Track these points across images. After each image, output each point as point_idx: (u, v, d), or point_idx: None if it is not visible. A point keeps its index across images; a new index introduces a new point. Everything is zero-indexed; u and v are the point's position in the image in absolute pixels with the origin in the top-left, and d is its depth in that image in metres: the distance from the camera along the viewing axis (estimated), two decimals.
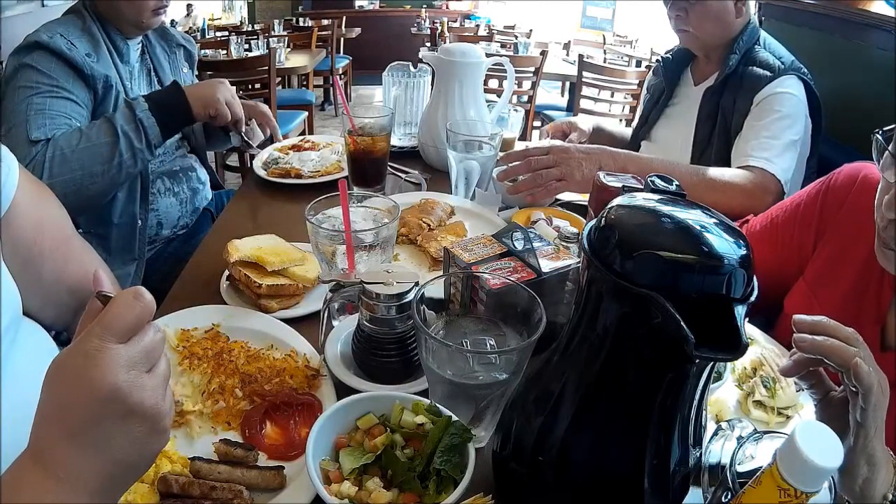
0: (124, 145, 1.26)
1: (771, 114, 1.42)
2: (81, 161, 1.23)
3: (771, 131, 1.40)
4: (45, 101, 1.26)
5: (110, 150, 1.25)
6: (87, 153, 1.24)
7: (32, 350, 0.77)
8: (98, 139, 1.25)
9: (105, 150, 1.25)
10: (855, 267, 0.95)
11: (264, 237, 1.06)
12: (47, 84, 1.27)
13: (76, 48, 1.31)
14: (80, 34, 1.35)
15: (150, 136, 1.29)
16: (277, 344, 0.89)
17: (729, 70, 1.52)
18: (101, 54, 1.37)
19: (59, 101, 1.28)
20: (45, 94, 1.27)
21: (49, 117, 1.26)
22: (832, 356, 0.60)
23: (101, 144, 1.25)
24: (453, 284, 0.78)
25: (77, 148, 1.23)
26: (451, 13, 9.21)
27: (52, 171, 1.21)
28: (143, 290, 0.51)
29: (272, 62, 3.96)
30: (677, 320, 0.42)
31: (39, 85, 1.27)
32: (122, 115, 1.27)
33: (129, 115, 1.27)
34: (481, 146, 1.35)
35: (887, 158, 0.74)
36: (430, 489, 0.61)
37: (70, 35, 1.32)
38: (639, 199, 0.52)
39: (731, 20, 1.53)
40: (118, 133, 1.25)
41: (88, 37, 1.37)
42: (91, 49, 1.35)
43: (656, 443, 0.52)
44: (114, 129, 1.25)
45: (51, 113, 1.26)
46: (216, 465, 0.66)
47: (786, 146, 1.39)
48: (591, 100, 4.43)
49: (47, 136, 1.23)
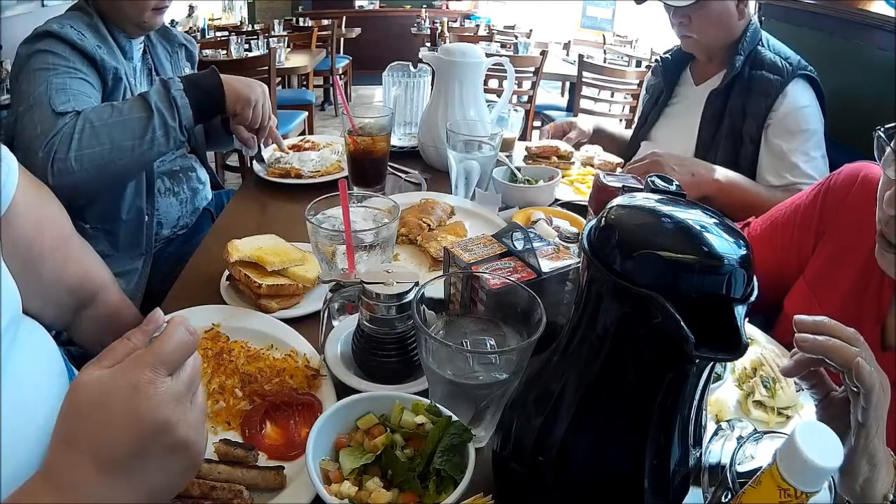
0: (158, 122, 1.22)
1: (799, 135, 1.47)
2: (111, 135, 1.19)
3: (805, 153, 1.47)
4: (65, 81, 1.24)
5: (143, 126, 1.22)
6: (119, 127, 1.20)
7: (33, 349, 0.77)
8: (131, 114, 1.21)
9: (137, 125, 1.22)
10: (855, 267, 0.95)
11: (264, 237, 1.06)
12: (64, 65, 1.26)
13: (87, 38, 1.31)
14: (87, 28, 1.35)
15: (182, 118, 1.25)
16: (277, 344, 0.89)
17: (735, 72, 1.52)
18: (110, 48, 1.38)
19: (77, 81, 1.26)
20: (63, 74, 1.25)
21: (71, 94, 1.23)
22: (833, 356, 0.60)
23: (134, 119, 1.21)
24: (453, 284, 0.78)
25: (108, 122, 1.19)
26: (451, 13, 9.20)
27: (82, 142, 1.17)
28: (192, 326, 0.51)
29: (272, 62, 3.96)
30: (677, 320, 0.42)
31: (57, 66, 1.25)
32: (156, 93, 1.24)
33: (164, 93, 1.24)
34: (481, 146, 1.35)
35: (889, 155, 0.74)
36: (430, 489, 0.61)
37: (79, 27, 1.32)
38: (639, 199, 0.52)
39: (733, 22, 1.53)
40: (152, 108, 1.22)
41: (95, 31, 1.37)
42: (100, 42, 1.36)
43: (656, 443, 0.52)
44: (148, 105, 1.22)
45: (72, 91, 1.24)
46: (216, 465, 0.66)
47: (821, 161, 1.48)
48: (591, 100, 4.43)
49: (73, 109, 1.20)
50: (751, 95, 1.50)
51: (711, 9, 1.51)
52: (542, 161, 1.61)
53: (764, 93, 1.48)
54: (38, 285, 0.83)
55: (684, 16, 1.55)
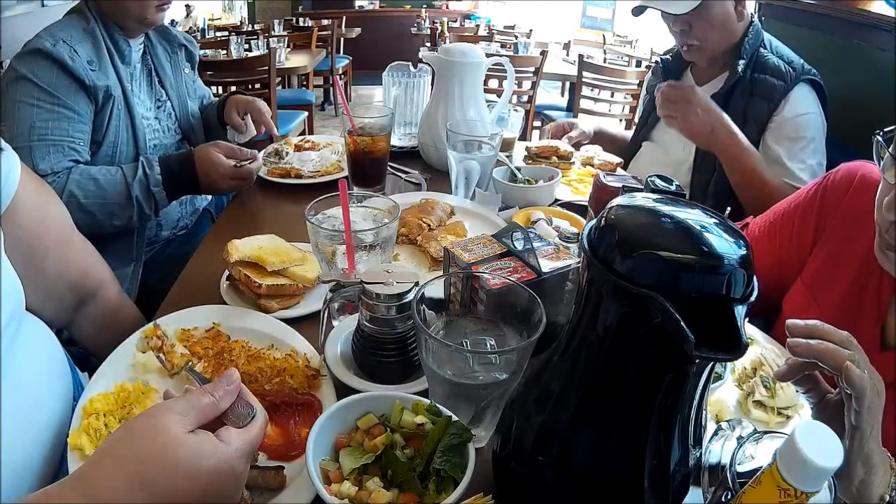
0: (136, 210, 1.32)
1: (798, 142, 1.47)
2: (92, 211, 1.29)
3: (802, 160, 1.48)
4: (48, 125, 1.28)
5: (122, 210, 1.31)
6: (100, 207, 1.30)
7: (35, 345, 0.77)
8: (113, 198, 1.30)
9: (117, 209, 1.31)
10: (853, 266, 0.95)
11: (264, 237, 1.06)
12: (49, 102, 1.29)
13: (79, 57, 1.31)
14: (82, 37, 1.35)
15: (158, 206, 1.36)
16: (277, 344, 0.89)
17: (737, 77, 1.51)
18: (103, 60, 1.38)
19: (61, 122, 1.30)
20: (47, 112, 1.28)
21: (53, 144, 1.29)
22: (826, 360, 0.60)
23: (114, 204, 1.30)
24: (453, 284, 0.78)
25: (91, 200, 1.29)
26: (451, 13, 9.20)
27: None
28: None
29: (272, 62, 3.96)
30: (677, 320, 0.42)
31: (41, 103, 1.28)
32: (138, 184, 1.31)
33: (144, 186, 1.32)
34: (481, 146, 1.35)
35: (888, 160, 0.74)
36: (430, 489, 0.61)
37: (73, 40, 1.32)
38: (639, 199, 0.52)
39: (734, 25, 1.52)
40: (132, 199, 1.31)
41: (91, 40, 1.36)
42: (93, 55, 1.36)
43: (656, 443, 0.52)
44: (128, 194, 1.31)
45: (53, 138, 1.29)
46: None
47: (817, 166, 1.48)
48: (591, 100, 4.43)
49: (53, 170, 1.27)
50: (753, 99, 1.50)
51: (711, 14, 1.49)
52: (542, 161, 1.61)
53: (767, 97, 1.48)
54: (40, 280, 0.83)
55: (684, 23, 1.53)
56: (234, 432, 0.56)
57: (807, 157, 1.48)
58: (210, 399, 0.56)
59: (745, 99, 1.51)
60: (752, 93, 1.50)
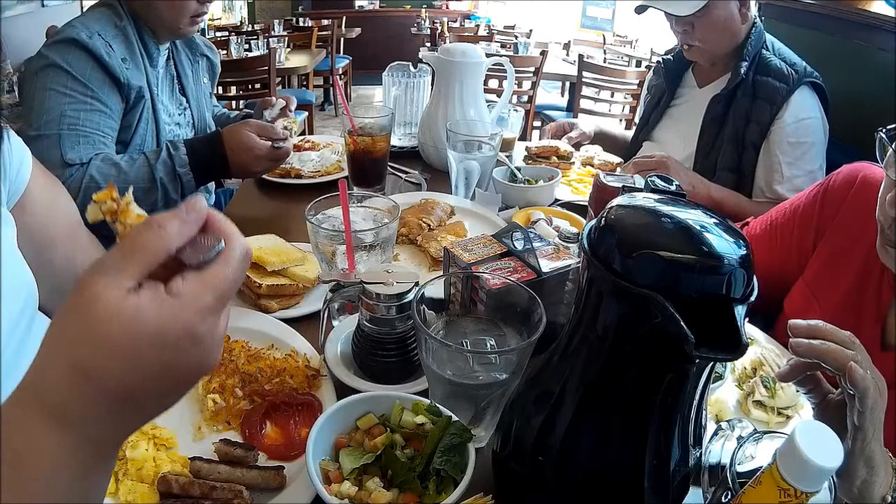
0: (160, 195, 1.26)
1: (798, 147, 1.47)
2: None
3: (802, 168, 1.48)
4: (79, 115, 1.24)
5: (145, 195, 1.24)
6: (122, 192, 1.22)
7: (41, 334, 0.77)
8: (135, 181, 1.22)
9: (140, 194, 1.23)
10: (854, 266, 0.95)
11: (264, 237, 1.06)
12: (81, 93, 1.24)
13: (114, 52, 1.28)
14: (115, 34, 1.31)
15: (185, 190, 1.29)
16: (277, 344, 0.89)
17: (739, 78, 1.50)
18: (135, 59, 1.34)
19: (93, 114, 1.26)
20: (79, 104, 1.24)
21: (83, 135, 1.24)
22: (828, 360, 0.60)
23: (137, 189, 1.21)
24: (453, 284, 0.78)
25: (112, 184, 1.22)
26: (451, 13, 9.20)
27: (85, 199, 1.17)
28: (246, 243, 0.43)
29: (272, 62, 3.96)
30: (677, 320, 0.42)
31: (73, 93, 1.24)
32: (162, 165, 1.25)
33: (170, 168, 1.26)
34: (481, 146, 1.35)
35: (890, 157, 0.74)
36: (430, 489, 0.61)
37: (107, 35, 1.28)
38: (639, 199, 0.52)
39: (737, 27, 1.51)
40: (156, 182, 1.25)
41: (123, 38, 1.32)
42: (126, 53, 1.32)
43: (656, 443, 0.52)
44: (152, 177, 1.24)
45: (84, 130, 1.24)
46: (216, 465, 0.66)
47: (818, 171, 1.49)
48: (591, 100, 4.43)
49: (81, 160, 1.22)
50: (755, 101, 1.49)
51: (714, 15, 1.48)
52: (542, 161, 1.61)
53: (769, 100, 1.47)
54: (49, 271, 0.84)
55: (687, 24, 1.52)
56: (188, 279, 0.40)
57: (806, 164, 1.48)
58: (156, 234, 0.40)
59: (747, 101, 1.51)
60: (754, 94, 1.50)
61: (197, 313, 0.39)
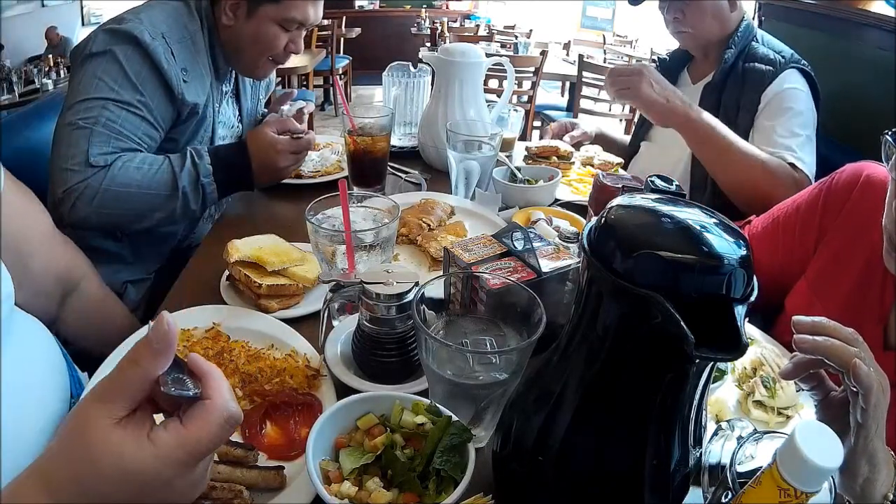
0: (180, 203, 1.21)
1: (785, 112, 1.44)
2: (132, 202, 1.18)
3: (789, 129, 1.42)
4: (120, 115, 1.18)
5: (165, 202, 1.20)
6: (141, 198, 1.18)
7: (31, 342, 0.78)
8: (158, 189, 1.19)
9: (160, 201, 1.20)
10: (857, 266, 0.95)
11: (264, 237, 1.06)
12: (129, 94, 1.18)
13: (174, 63, 1.22)
14: (181, 36, 1.24)
15: (207, 201, 1.25)
16: (277, 344, 0.89)
17: (727, 65, 1.53)
18: (197, 71, 1.29)
19: (134, 118, 1.20)
20: (124, 104, 1.18)
21: (116, 137, 1.17)
22: (832, 357, 0.60)
23: (157, 195, 1.19)
24: (453, 284, 0.78)
25: (133, 190, 1.17)
26: (451, 13, 9.19)
27: (104, 202, 1.15)
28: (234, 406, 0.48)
29: None
30: (677, 320, 0.42)
31: (121, 90, 1.17)
32: (187, 174, 1.20)
33: (194, 176, 1.21)
34: (481, 146, 1.35)
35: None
36: (430, 489, 0.61)
37: (172, 38, 1.22)
38: (639, 199, 0.52)
39: (727, 15, 1.56)
40: (178, 190, 1.20)
41: (190, 44, 1.26)
42: (188, 62, 1.26)
43: (656, 443, 0.52)
44: (175, 185, 1.19)
45: (120, 131, 1.18)
46: (216, 465, 0.66)
47: (805, 140, 1.42)
48: (591, 100, 4.44)
49: (106, 163, 1.16)
50: (744, 88, 1.51)
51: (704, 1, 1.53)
52: (542, 161, 1.61)
53: (757, 85, 1.49)
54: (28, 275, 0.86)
55: (678, 11, 1.57)
56: (168, 429, 0.44)
57: (795, 127, 1.43)
58: (134, 371, 0.44)
59: (737, 89, 1.52)
60: (743, 81, 1.52)
61: (169, 465, 0.44)
